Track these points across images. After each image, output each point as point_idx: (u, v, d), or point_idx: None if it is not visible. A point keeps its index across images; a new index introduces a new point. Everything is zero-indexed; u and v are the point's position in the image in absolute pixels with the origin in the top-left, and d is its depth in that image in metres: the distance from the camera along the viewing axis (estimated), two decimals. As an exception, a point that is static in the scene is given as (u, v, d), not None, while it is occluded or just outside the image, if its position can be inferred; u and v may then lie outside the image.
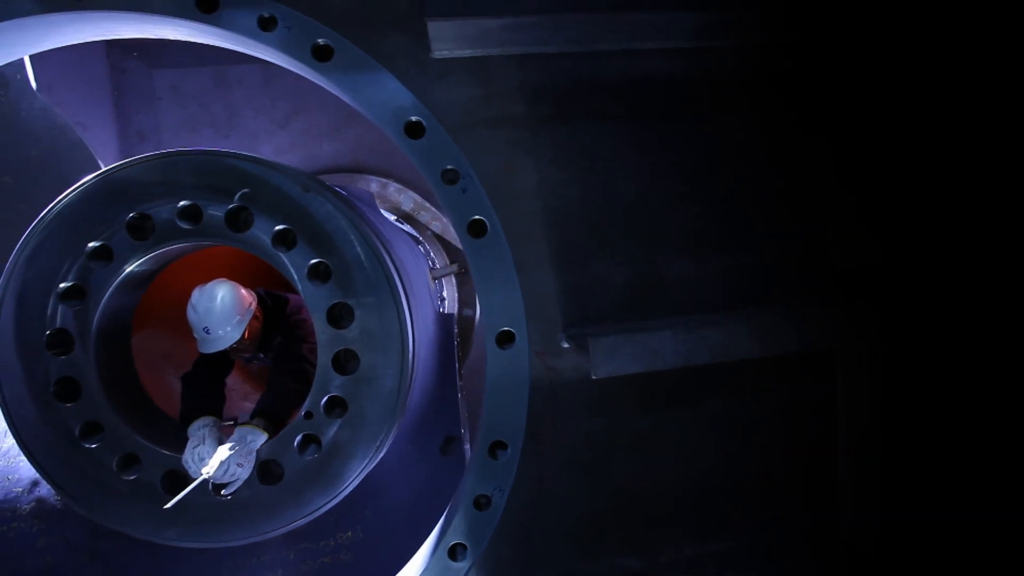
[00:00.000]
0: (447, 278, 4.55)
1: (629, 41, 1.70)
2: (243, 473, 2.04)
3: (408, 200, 4.51)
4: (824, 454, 1.91)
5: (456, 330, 3.56)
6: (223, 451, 2.02)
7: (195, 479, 2.06)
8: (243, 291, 2.36)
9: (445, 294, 4.58)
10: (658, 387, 1.80)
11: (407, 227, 4.52)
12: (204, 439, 2.11)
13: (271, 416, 2.20)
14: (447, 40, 1.62)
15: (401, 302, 2.18)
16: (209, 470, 1.98)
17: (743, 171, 1.81)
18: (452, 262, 4.56)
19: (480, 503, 1.78)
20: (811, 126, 1.79)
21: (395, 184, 4.53)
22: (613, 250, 1.78)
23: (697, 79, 1.77)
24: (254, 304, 2.38)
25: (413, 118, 1.68)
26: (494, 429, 1.76)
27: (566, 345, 1.77)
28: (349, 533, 2.53)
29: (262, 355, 2.62)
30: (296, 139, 4.59)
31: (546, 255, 1.76)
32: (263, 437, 2.12)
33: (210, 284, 2.30)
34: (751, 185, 1.81)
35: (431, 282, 4.09)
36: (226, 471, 1.99)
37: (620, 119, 1.76)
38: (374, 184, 4.50)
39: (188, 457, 2.08)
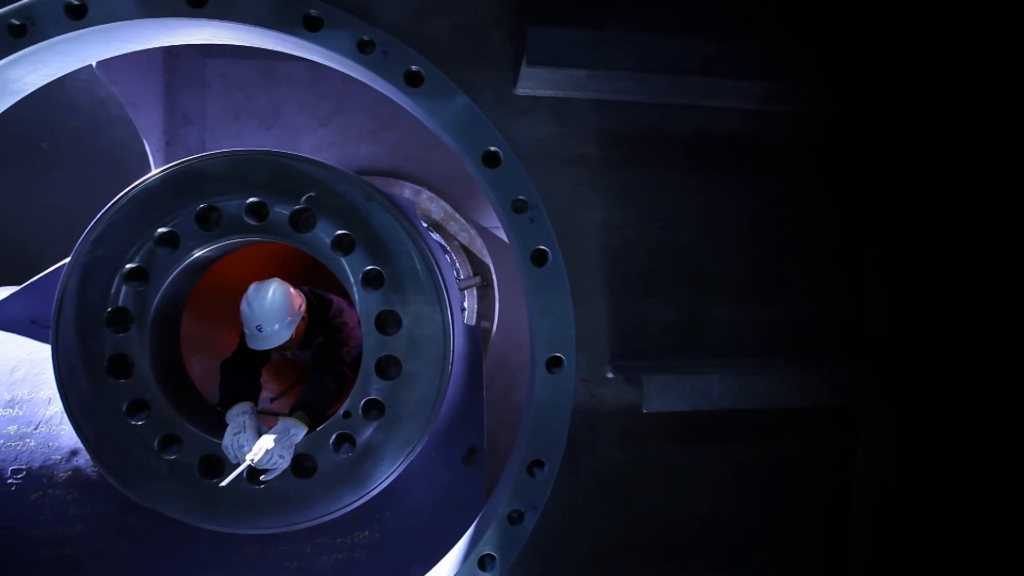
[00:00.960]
0: (468, 290, 4.64)
1: (700, 98, 1.81)
2: (283, 464, 2.11)
3: (439, 210, 4.61)
4: (840, 505, 2.00)
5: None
6: (267, 440, 2.10)
7: (233, 464, 2.14)
8: (295, 292, 2.44)
9: (466, 305, 4.67)
10: (690, 424, 1.89)
11: (437, 236, 4.62)
12: (244, 427, 2.18)
13: (311, 412, 2.27)
14: (533, 80, 1.73)
15: (447, 315, 2.27)
16: (254, 457, 2.05)
17: (791, 229, 1.92)
18: (475, 274, 4.65)
19: (513, 518, 1.86)
20: (860, 194, 1.91)
21: (428, 192, 4.63)
22: (663, 291, 1.88)
23: (758, 139, 1.88)
24: (303, 306, 2.46)
25: (492, 148, 1.79)
26: (534, 448, 1.84)
27: (611, 375, 1.86)
28: (366, 532, 2.60)
29: (298, 352, 2.70)
30: (336, 138, 4.69)
31: (601, 289, 1.86)
32: (304, 431, 2.19)
33: (265, 283, 2.37)
34: (798, 243, 1.92)
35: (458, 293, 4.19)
36: (269, 459, 2.07)
37: (684, 169, 1.87)
38: (407, 190, 4.60)
39: (228, 443, 2.15)
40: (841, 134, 1.89)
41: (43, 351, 2.55)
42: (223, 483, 2.03)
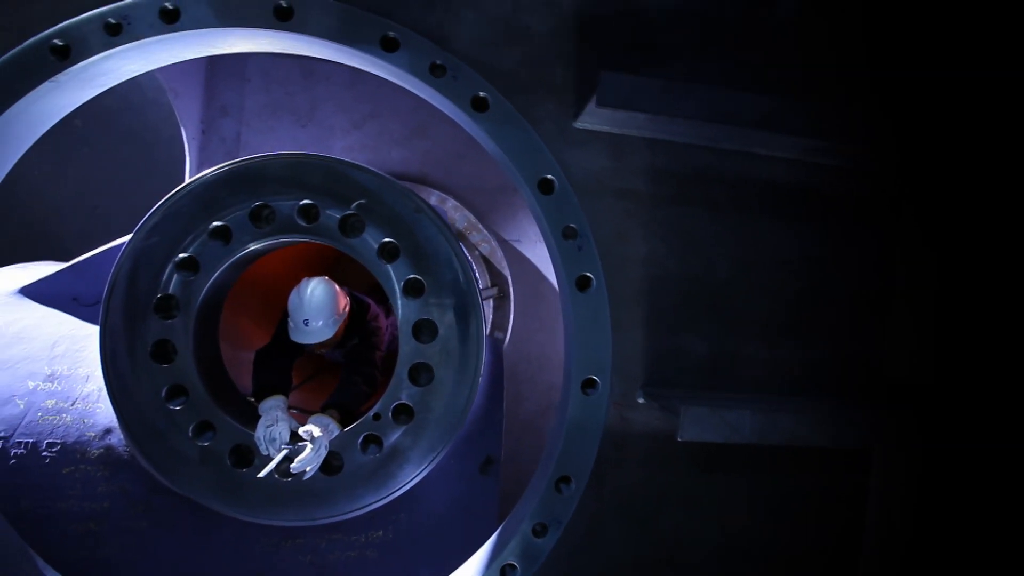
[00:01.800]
0: (486, 300, 4.72)
1: (748, 145, 1.91)
2: (317, 459, 2.17)
3: (463, 219, 4.70)
4: (849, 541, 2.07)
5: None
6: (309, 431, 2.16)
7: (266, 455, 2.20)
8: (341, 293, 2.50)
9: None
10: (711, 452, 1.97)
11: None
12: (277, 419, 2.24)
13: (343, 410, 2.34)
14: (594, 117, 1.82)
15: (482, 329, 2.35)
16: (292, 450, 2.11)
17: (824, 275, 2.01)
18: (492, 284, 4.73)
19: (536, 531, 1.93)
20: (890, 247, 2.00)
21: (453, 201, 4.72)
22: (698, 325, 1.97)
23: (799, 187, 1.98)
24: (347, 308, 2.53)
25: (548, 176, 1.88)
26: (564, 464, 1.92)
27: (642, 401, 1.94)
28: (380, 532, 2.65)
29: (331, 350, 2.77)
30: (368, 141, 4.79)
31: (639, 318, 1.94)
32: (338, 428, 2.26)
33: (316, 280, 2.43)
34: (829, 289, 2.01)
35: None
36: (305, 454, 2.13)
37: (727, 210, 1.96)
38: (434, 198, 4.69)
39: (261, 434, 2.21)
40: (877, 189, 1.99)
41: (83, 329, 2.63)
42: (261, 474, 2.09)
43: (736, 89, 1.71)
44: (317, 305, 2.38)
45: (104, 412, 2.42)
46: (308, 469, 2.16)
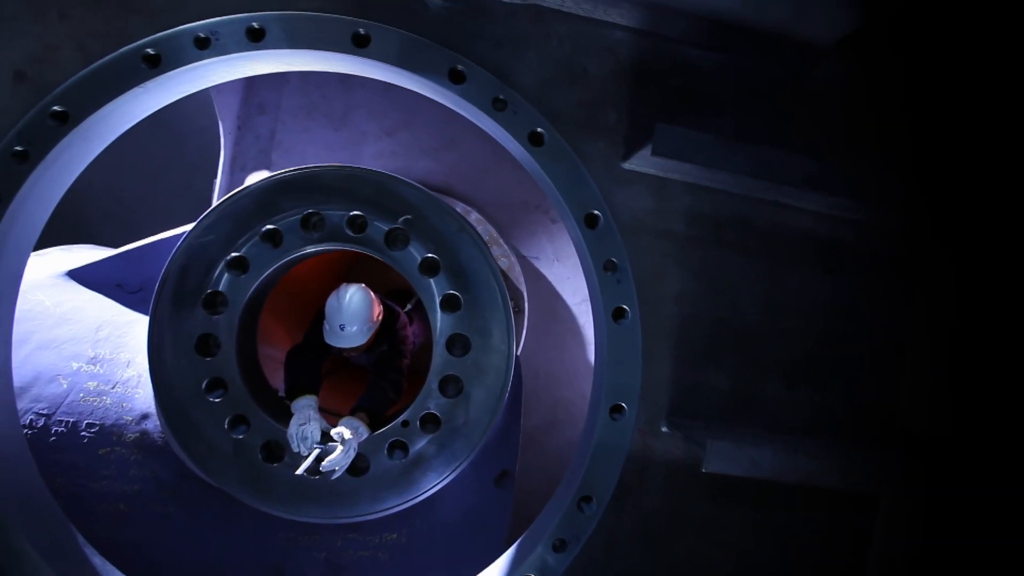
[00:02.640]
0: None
1: (782, 197, 2.03)
2: (347, 460, 2.26)
3: (484, 233, 4.80)
4: (851, 579, 2.17)
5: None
6: (341, 432, 2.25)
7: (297, 452, 2.29)
8: (376, 301, 2.60)
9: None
10: (727, 483, 2.07)
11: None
12: (309, 418, 2.33)
13: (372, 415, 2.43)
14: (642, 160, 1.94)
15: (512, 348, 2.46)
16: (324, 449, 2.20)
17: (845, 323, 2.12)
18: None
19: (556, 545, 2.02)
20: (910, 302, 2.12)
21: (476, 215, 4.83)
22: (723, 362, 2.08)
23: (827, 239, 2.10)
24: (381, 315, 2.63)
25: (594, 211, 1.99)
26: (587, 484, 2.02)
27: (665, 430, 2.05)
28: (394, 535, 2.74)
29: (360, 355, 2.86)
30: (398, 149, 4.90)
31: (668, 352, 2.05)
32: (367, 431, 2.35)
33: (354, 287, 2.50)
34: (849, 336, 2.12)
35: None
36: (336, 453, 2.22)
37: (757, 255, 2.08)
38: (458, 209, 4.80)
39: (294, 432, 2.30)
40: (902, 247, 2.11)
41: (125, 315, 2.72)
42: (298, 472, 2.18)
43: (780, 149, 1.83)
44: (354, 312, 2.48)
45: (142, 398, 2.51)
46: (337, 469, 2.25)
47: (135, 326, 2.65)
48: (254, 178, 5.15)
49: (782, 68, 2.04)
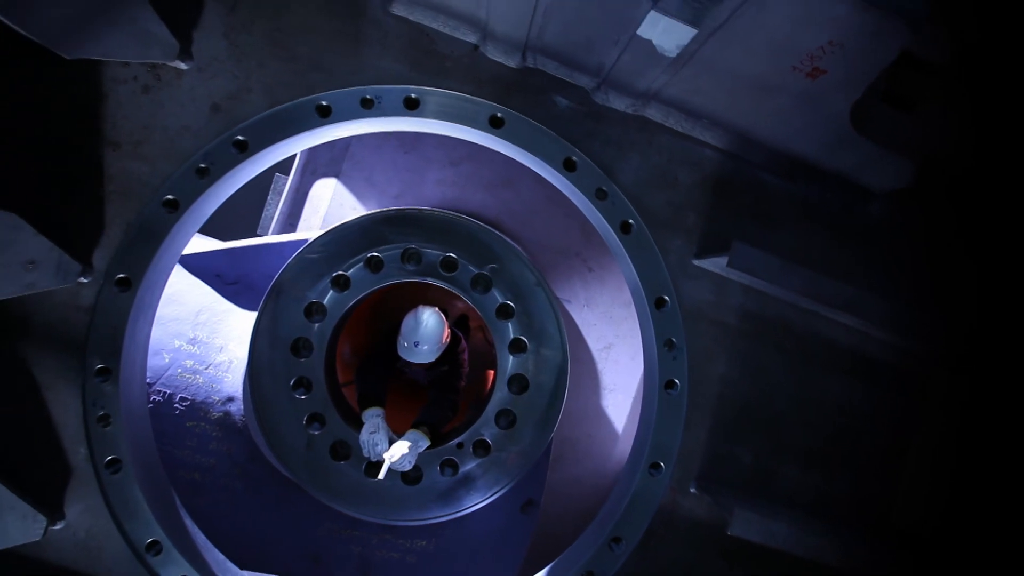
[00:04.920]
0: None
1: (820, 309, 2.38)
2: (408, 467, 2.56)
3: (525, 270, 5.16)
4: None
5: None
6: (403, 446, 2.55)
7: (366, 456, 2.59)
8: (446, 325, 2.92)
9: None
10: (740, 547, 2.38)
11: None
12: (378, 428, 2.63)
13: (432, 428, 2.73)
14: (713, 264, 2.30)
15: (563, 395, 2.78)
16: (393, 455, 2.51)
17: (861, 423, 2.46)
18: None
19: (585, 576, 2.32)
20: (921, 414, 2.46)
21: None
22: (751, 440, 2.41)
23: (853, 348, 2.45)
24: (449, 339, 2.95)
25: (664, 296, 2.34)
26: (620, 527, 2.33)
27: (693, 490, 2.37)
28: (424, 542, 3.03)
29: (421, 370, 3.17)
30: (459, 180, 5.27)
31: (706, 423, 2.38)
32: (427, 443, 2.65)
33: (431, 310, 2.81)
34: (863, 435, 2.46)
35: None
36: (402, 461, 2.52)
37: (792, 353, 2.42)
38: (504, 244, 5.16)
39: (365, 439, 2.59)
40: (920, 366, 2.46)
41: (223, 304, 3.04)
42: (379, 476, 2.48)
43: (828, 272, 2.20)
44: (431, 333, 2.78)
45: (230, 382, 2.82)
46: (398, 469, 2.55)
47: (230, 316, 2.96)
48: (322, 184, 5.52)
49: (839, 202, 2.41)
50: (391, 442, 2.62)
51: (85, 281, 2.06)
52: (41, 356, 2.06)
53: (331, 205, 4.81)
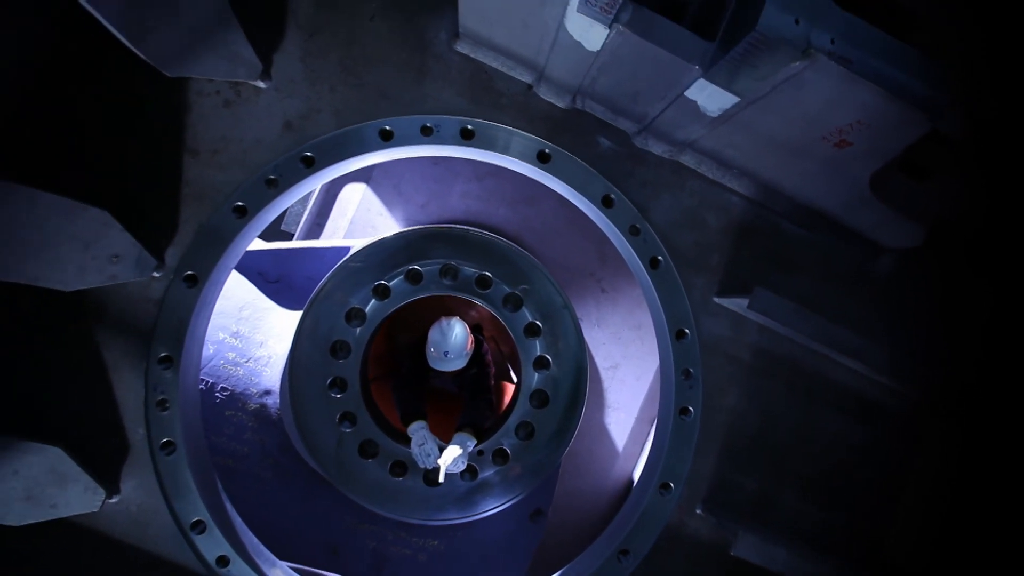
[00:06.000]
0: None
1: (829, 353, 2.56)
2: (462, 468, 2.72)
3: (541, 286, 5.35)
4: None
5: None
6: (454, 450, 2.71)
7: (422, 467, 2.75)
8: (470, 333, 3.08)
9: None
10: (741, 569, 2.55)
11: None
12: (426, 439, 2.77)
13: (476, 428, 2.88)
14: (732, 302, 2.48)
15: (581, 412, 2.96)
16: (446, 460, 2.67)
17: (860, 460, 2.64)
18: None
19: (593, 584, 2.49)
20: (918, 457, 2.63)
21: (537, 268, 5.37)
22: (755, 468, 2.58)
23: (857, 391, 2.63)
24: (473, 344, 3.10)
25: (685, 329, 2.52)
26: (628, 541, 2.49)
27: (699, 512, 2.54)
28: (435, 542, 3.18)
29: (444, 379, 3.34)
30: (483, 194, 5.46)
31: (714, 450, 2.56)
32: (474, 442, 2.80)
33: (455, 321, 2.96)
34: (860, 472, 2.63)
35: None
36: (456, 464, 2.68)
37: (800, 392, 2.60)
38: (522, 260, 5.34)
39: (417, 452, 2.74)
40: (918, 412, 2.64)
41: (264, 301, 3.22)
42: (440, 482, 2.65)
43: (839, 320, 2.38)
44: (458, 342, 2.94)
45: (268, 376, 2.99)
46: (453, 472, 2.72)
47: (270, 313, 3.14)
48: (351, 188, 5.69)
49: (853, 254, 2.60)
50: (441, 449, 2.77)
51: (157, 276, 2.24)
52: (112, 341, 2.24)
53: (359, 209, 4.99)
